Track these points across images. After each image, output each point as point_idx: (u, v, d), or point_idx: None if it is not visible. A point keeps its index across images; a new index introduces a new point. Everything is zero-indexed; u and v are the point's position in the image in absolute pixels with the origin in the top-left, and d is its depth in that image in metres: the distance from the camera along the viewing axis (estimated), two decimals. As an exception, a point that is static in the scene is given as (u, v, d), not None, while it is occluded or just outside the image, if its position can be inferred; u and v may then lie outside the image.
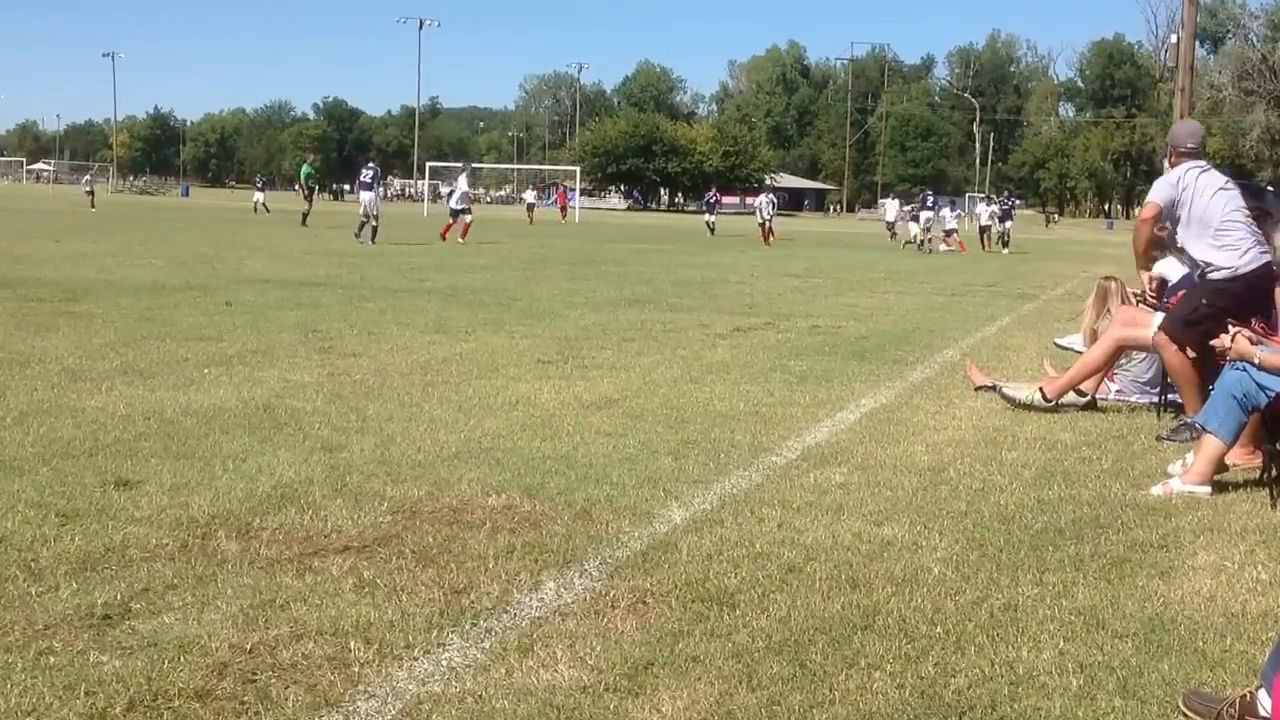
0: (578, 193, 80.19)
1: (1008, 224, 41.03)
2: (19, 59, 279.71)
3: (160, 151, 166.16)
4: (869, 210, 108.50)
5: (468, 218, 29.60)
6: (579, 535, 4.62)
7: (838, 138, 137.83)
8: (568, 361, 9.22)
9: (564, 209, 65.81)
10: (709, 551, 4.48)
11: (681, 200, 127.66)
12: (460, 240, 28.35)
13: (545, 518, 4.85)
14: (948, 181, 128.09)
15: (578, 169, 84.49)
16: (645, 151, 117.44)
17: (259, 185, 56.91)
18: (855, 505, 5.22)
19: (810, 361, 9.76)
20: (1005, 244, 39.45)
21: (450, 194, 30.50)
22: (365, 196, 28.65)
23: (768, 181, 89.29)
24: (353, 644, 3.47)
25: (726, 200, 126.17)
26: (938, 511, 5.18)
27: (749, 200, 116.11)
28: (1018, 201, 43.32)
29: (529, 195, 67.21)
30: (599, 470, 5.66)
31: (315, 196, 37.19)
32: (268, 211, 48.67)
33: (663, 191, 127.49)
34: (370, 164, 30.17)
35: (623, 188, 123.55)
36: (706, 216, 48.36)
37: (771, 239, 38.52)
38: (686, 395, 7.90)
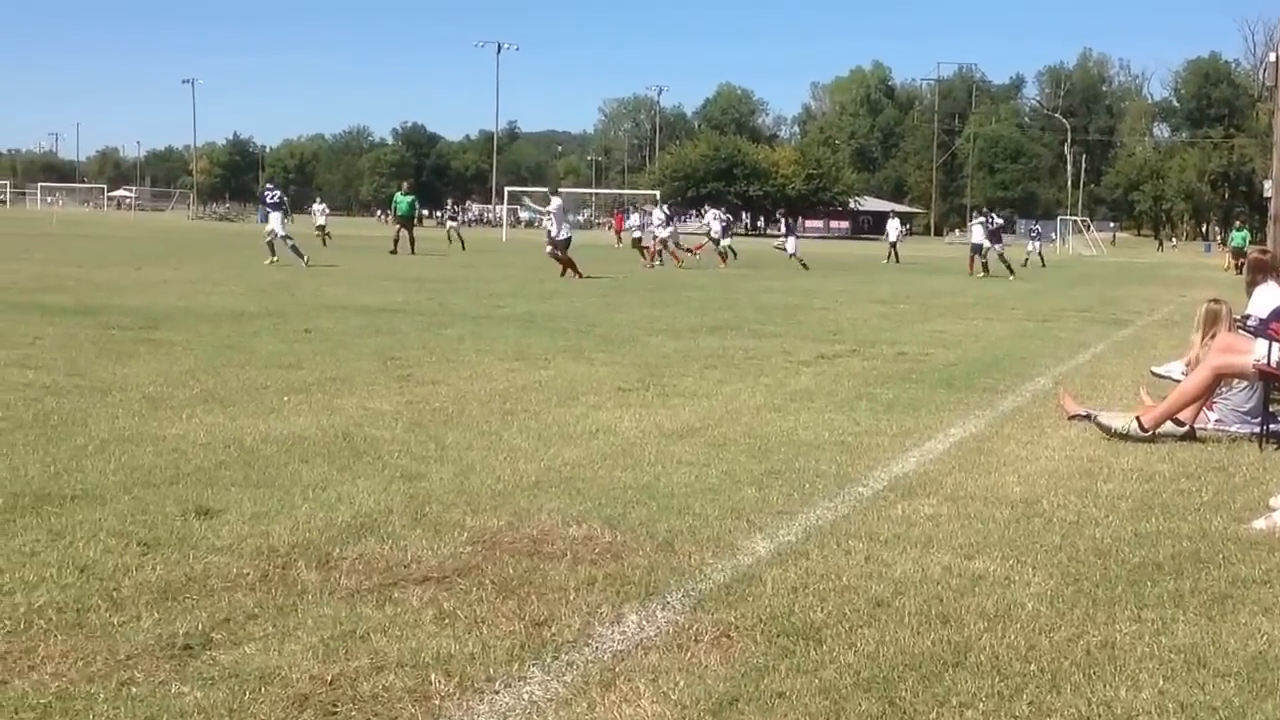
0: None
1: (997, 246, 35.75)
2: (100, 86, 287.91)
3: (239, 177, 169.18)
4: (958, 234, 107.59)
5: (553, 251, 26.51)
6: (661, 567, 4.55)
7: (924, 160, 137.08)
8: (648, 389, 9.16)
9: (619, 233, 57.65)
10: (794, 584, 4.39)
11: (763, 224, 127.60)
12: (576, 276, 25.19)
13: (627, 549, 4.79)
14: (1038, 204, 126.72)
15: (657, 193, 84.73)
16: (726, 175, 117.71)
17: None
18: (945, 538, 5.10)
19: (897, 389, 9.61)
20: (986, 269, 34.80)
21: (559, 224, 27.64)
22: (274, 218, 27.87)
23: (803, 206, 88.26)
24: (433, 676, 3.43)
25: (810, 224, 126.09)
26: (1031, 545, 5.04)
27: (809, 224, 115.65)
28: (999, 220, 37.51)
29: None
30: (681, 501, 5.59)
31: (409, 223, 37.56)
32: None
33: (744, 215, 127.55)
34: (271, 184, 29.95)
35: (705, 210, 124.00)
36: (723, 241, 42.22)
37: (724, 262, 35.70)
38: (770, 424, 7.80)
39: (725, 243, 38.11)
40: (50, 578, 4.14)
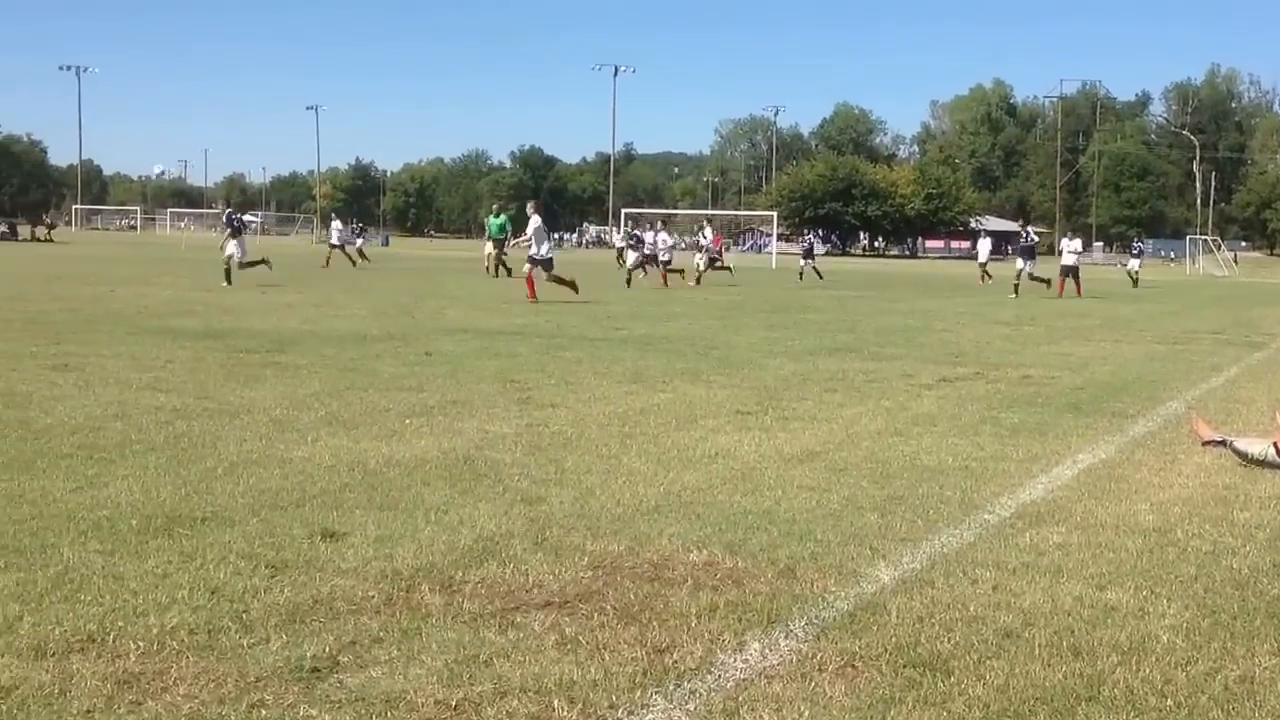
0: (774, 238, 79.91)
1: (1029, 264, 33.40)
2: (227, 112, 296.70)
3: (361, 201, 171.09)
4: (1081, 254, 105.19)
5: (535, 270, 24.42)
6: (783, 594, 4.51)
7: (1047, 178, 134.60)
8: (767, 413, 9.10)
9: (720, 256, 47.21)
10: (919, 614, 4.31)
11: (882, 244, 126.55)
12: (531, 299, 23.31)
13: (748, 575, 4.75)
14: (1166, 223, 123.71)
15: (774, 214, 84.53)
16: (844, 195, 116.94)
17: (344, 229, 49.03)
18: (1075, 567, 4.98)
19: (1022, 414, 9.42)
20: (1015, 289, 32.30)
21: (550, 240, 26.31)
22: (231, 243, 27.60)
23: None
24: (556, 703, 3.43)
25: (930, 244, 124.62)
26: (1165, 575, 4.90)
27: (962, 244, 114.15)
28: (1035, 238, 35.20)
29: (616, 239, 50.46)
30: (802, 526, 5.54)
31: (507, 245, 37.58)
32: (349, 255, 43.35)
33: (862, 235, 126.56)
34: (231, 209, 30.36)
35: (820, 232, 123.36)
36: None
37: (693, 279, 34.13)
38: (892, 448, 7.70)
39: (700, 261, 36.04)
40: (182, 599, 4.24)
